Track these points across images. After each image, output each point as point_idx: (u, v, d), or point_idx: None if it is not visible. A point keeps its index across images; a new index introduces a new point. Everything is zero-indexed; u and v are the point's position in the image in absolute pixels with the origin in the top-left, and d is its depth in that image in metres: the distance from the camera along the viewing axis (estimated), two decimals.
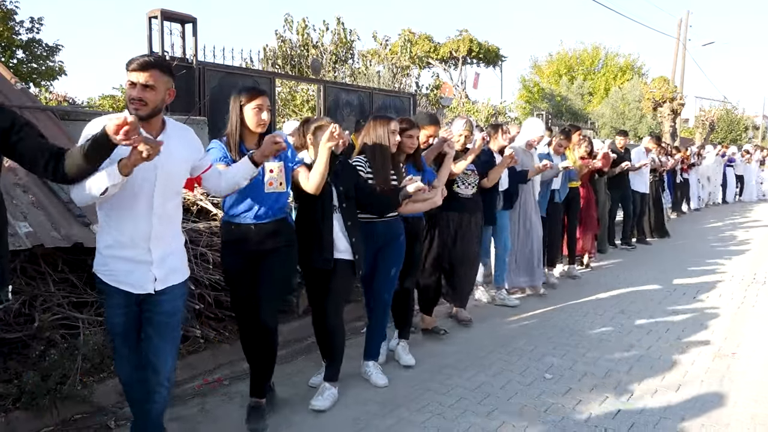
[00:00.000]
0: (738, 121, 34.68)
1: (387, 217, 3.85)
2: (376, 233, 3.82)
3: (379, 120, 3.83)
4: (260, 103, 3.03)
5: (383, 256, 3.88)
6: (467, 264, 4.96)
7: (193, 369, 3.82)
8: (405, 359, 4.16)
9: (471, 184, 4.94)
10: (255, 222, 3.13)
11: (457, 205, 4.85)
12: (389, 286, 3.94)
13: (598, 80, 31.47)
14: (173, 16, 6.86)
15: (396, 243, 3.92)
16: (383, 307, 3.97)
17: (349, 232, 3.48)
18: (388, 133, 3.75)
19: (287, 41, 13.76)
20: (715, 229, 11.20)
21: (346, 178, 3.52)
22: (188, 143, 2.65)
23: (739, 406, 3.52)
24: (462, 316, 5.13)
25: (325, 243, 3.40)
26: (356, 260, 3.50)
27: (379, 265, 3.89)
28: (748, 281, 6.80)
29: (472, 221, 4.94)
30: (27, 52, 16.94)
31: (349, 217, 3.50)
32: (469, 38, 25.19)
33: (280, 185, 3.14)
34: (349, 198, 3.49)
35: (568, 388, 3.74)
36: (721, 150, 15.90)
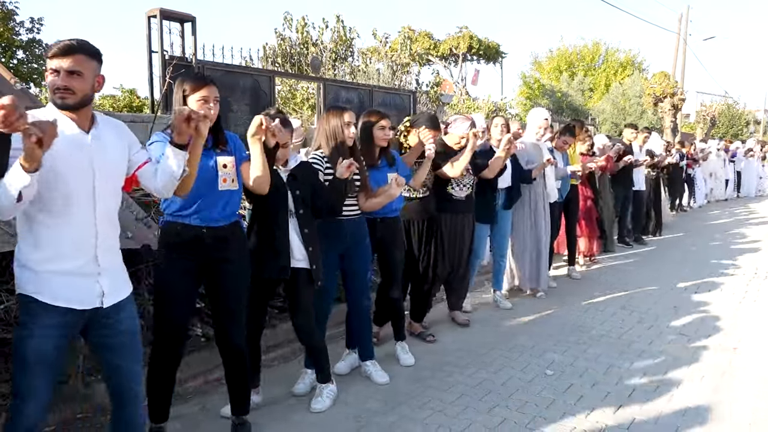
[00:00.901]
0: (739, 116, 34.59)
1: (353, 215, 3.66)
2: (343, 233, 3.62)
3: (333, 111, 3.59)
4: (206, 95, 2.70)
5: (352, 259, 3.69)
6: (462, 266, 4.87)
7: (194, 367, 3.82)
8: (404, 359, 4.10)
9: (466, 186, 4.79)
10: (207, 225, 2.80)
11: (450, 206, 4.74)
12: (366, 290, 3.80)
13: (598, 76, 31.39)
14: (172, 15, 6.85)
15: (364, 244, 3.75)
16: (365, 314, 3.83)
17: (305, 240, 3.22)
18: (343, 125, 3.51)
19: (287, 39, 13.75)
20: (717, 225, 11.19)
21: (304, 181, 3.27)
22: (122, 137, 2.36)
23: (741, 401, 3.52)
24: (459, 318, 5.01)
25: (279, 252, 3.15)
26: (314, 270, 3.25)
27: (350, 269, 3.71)
28: (750, 276, 6.79)
29: (465, 222, 4.83)
30: (27, 53, 16.94)
31: (306, 224, 3.24)
32: (469, 35, 25.16)
33: (233, 182, 2.87)
34: (306, 204, 3.25)
35: (569, 385, 3.74)
36: (723, 145, 15.79)
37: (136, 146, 2.41)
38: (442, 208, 4.70)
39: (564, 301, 5.71)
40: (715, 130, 27.90)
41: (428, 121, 4.46)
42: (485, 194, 5.13)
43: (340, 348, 4.11)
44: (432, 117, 4.51)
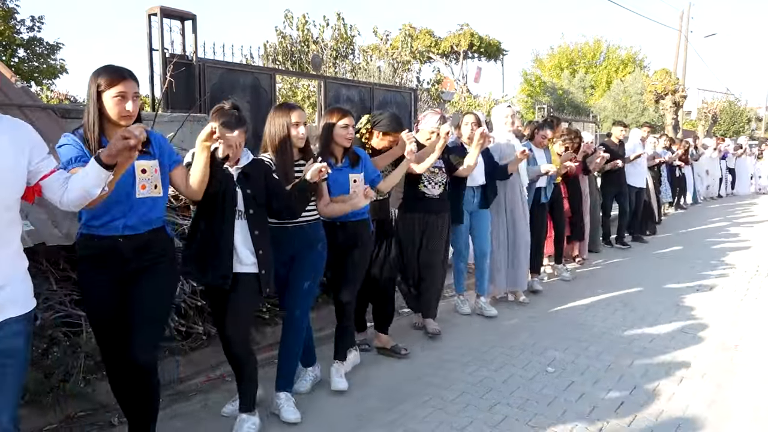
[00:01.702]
0: (741, 113, 34.56)
1: (302, 221, 3.32)
2: (287, 240, 3.30)
3: (279, 110, 3.28)
4: (123, 90, 2.42)
5: (295, 265, 3.35)
6: (434, 269, 4.58)
7: (196, 365, 3.83)
8: (335, 383, 3.60)
9: (438, 183, 4.54)
10: (123, 234, 2.52)
11: (423, 205, 4.50)
12: (301, 302, 3.36)
13: (599, 73, 31.38)
14: (173, 13, 6.85)
15: (312, 252, 3.38)
16: (296, 327, 3.35)
17: (255, 242, 2.95)
18: (290, 125, 3.23)
19: (287, 37, 13.75)
20: (716, 223, 11.17)
21: (257, 179, 3.00)
22: (19, 141, 2.03)
23: (743, 398, 3.51)
24: (431, 327, 4.62)
25: (222, 256, 2.87)
26: (262, 276, 2.97)
27: (290, 276, 3.35)
28: (751, 274, 6.78)
29: (438, 222, 4.57)
30: (28, 51, 16.94)
31: (257, 225, 2.97)
32: (470, 32, 25.10)
33: (156, 189, 2.58)
34: (258, 203, 2.99)
35: (570, 382, 3.74)
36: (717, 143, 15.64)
37: (40, 151, 2.10)
38: (413, 207, 4.48)
39: (565, 298, 5.71)
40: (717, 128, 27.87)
41: (392, 122, 4.15)
42: (457, 194, 4.90)
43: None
44: (395, 116, 4.23)
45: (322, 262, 3.46)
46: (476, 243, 5.22)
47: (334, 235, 3.59)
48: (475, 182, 5.03)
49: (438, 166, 4.51)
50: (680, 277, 6.59)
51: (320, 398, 3.52)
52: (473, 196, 5.07)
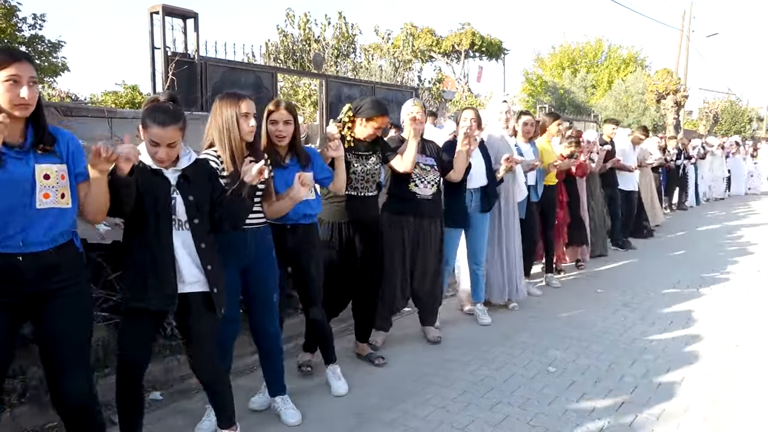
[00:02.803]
0: (742, 113, 34.52)
1: (256, 224, 3.04)
2: (244, 246, 3.00)
3: (226, 99, 2.92)
4: (16, 74, 2.06)
5: (256, 276, 3.06)
6: (430, 276, 4.35)
7: None
8: (336, 387, 3.54)
9: (431, 182, 4.23)
10: (23, 252, 2.14)
11: (415, 207, 4.20)
12: (275, 317, 3.17)
13: (601, 73, 31.33)
14: (175, 11, 6.84)
15: (269, 258, 3.13)
16: (276, 345, 3.21)
17: (202, 257, 2.57)
18: (239, 117, 2.87)
19: (289, 36, 13.75)
20: (717, 224, 11.17)
21: (201, 183, 2.62)
22: None
23: (743, 399, 3.51)
24: (431, 335, 4.47)
25: (163, 275, 2.48)
26: (214, 295, 2.61)
27: (252, 289, 3.08)
28: (752, 274, 6.78)
29: (431, 226, 4.29)
30: (29, 49, 16.93)
31: (202, 237, 2.57)
32: (472, 31, 25.08)
33: (62, 198, 2.21)
34: (202, 212, 2.60)
35: (571, 382, 3.74)
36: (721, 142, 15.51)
37: None
38: (402, 209, 4.21)
39: (565, 298, 5.71)
40: (718, 127, 27.86)
41: (374, 106, 3.85)
42: (455, 194, 4.67)
43: None
44: (376, 101, 3.94)
45: (277, 270, 3.20)
46: (471, 250, 4.93)
47: (282, 240, 3.30)
48: (474, 184, 4.73)
49: (430, 164, 4.25)
50: (681, 277, 6.59)
51: (320, 397, 3.52)
52: (471, 199, 4.76)
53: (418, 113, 4.15)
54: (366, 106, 3.84)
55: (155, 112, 2.43)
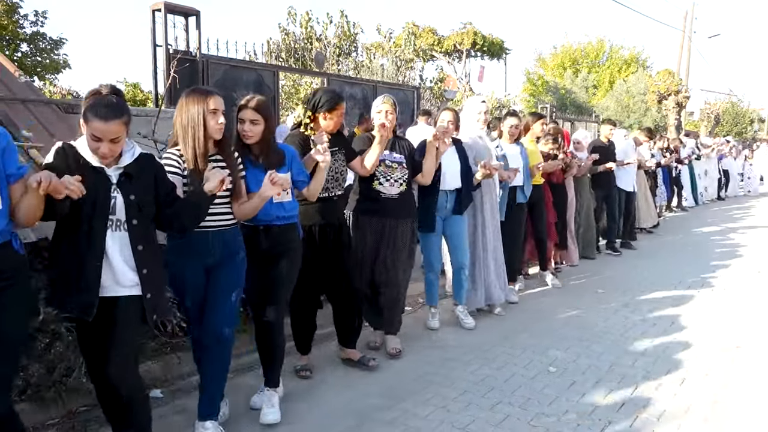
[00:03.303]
0: (743, 114, 34.49)
1: (225, 224, 2.89)
2: (206, 247, 2.85)
3: (193, 95, 2.76)
4: None
5: (218, 277, 2.91)
6: (394, 281, 4.06)
7: None
8: (266, 414, 3.13)
9: (398, 181, 3.99)
10: None
11: (379, 207, 3.94)
12: (229, 318, 2.94)
13: (602, 73, 31.29)
14: (176, 8, 6.84)
15: (233, 261, 2.95)
16: (226, 348, 2.94)
17: (139, 259, 2.41)
18: (206, 114, 2.72)
19: (291, 34, 13.73)
20: (717, 224, 11.15)
21: (144, 181, 2.45)
22: None
23: (744, 399, 3.51)
24: (391, 345, 4.13)
25: (86, 280, 2.33)
26: (147, 300, 2.43)
27: (212, 290, 2.91)
28: (753, 275, 6.77)
29: (399, 228, 4.02)
30: (31, 46, 16.98)
31: (142, 238, 2.43)
32: (473, 31, 25.05)
33: None
34: (144, 212, 2.44)
35: (572, 382, 3.73)
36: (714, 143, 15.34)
37: None
38: (367, 209, 3.98)
39: (566, 298, 5.70)
40: (719, 128, 27.82)
41: (331, 97, 3.62)
42: (425, 196, 4.48)
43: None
44: (329, 90, 3.74)
45: (243, 272, 3.03)
46: (452, 253, 4.74)
47: (256, 242, 3.16)
48: (449, 185, 4.52)
49: (397, 161, 3.99)
50: (682, 277, 6.59)
51: (320, 396, 3.52)
52: (446, 200, 4.55)
53: (389, 114, 3.92)
54: (324, 99, 3.60)
55: (97, 106, 2.30)
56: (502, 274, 5.15)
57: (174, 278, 2.86)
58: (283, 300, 3.29)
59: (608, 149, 7.66)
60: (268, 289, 3.20)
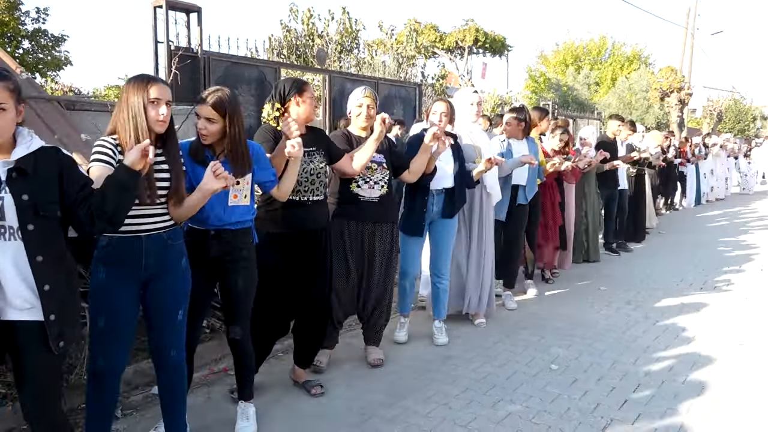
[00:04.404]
0: (746, 112, 34.44)
1: (161, 227, 2.53)
2: (138, 256, 2.46)
3: (133, 83, 2.44)
4: None
5: (158, 291, 2.55)
6: (375, 289, 3.82)
7: (199, 359, 3.81)
8: (240, 427, 3.01)
9: (378, 183, 3.69)
10: None
11: (357, 211, 3.66)
12: (178, 337, 2.63)
13: (604, 70, 31.25)
14: (178, 5, 6.82)
15: (177, 271, 2.60)
16: (179, 371, 2.68)
17: (38, 274, 2.02)
18: (146, 103, 2.40)
19: (292, 31, 13.72)
20: (719, 223, 11.15)
21: (44, 177, 2.06)
22: None
23: (747, 398, 3.50)
24: (373, 356, 3.93)
25: None
26: (51, 322, 2.04)
27: (152, 306, 2.56)
28: (756, 273, 6.76)
29: (378, 233, 3.75)
30: (32, 43, 16.98)
31: (41, 247, 2.03)
32: (475, 28, 25.02)
33: None
34: (42, 215, 2.03)
35: (574, 379, 3.73)
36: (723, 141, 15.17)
37: None
38: (344, 212, 3.68)
39: (568, 296, 5.70)
40: (722, 126, 27.77)
41: (295, 81, 3.32)
42: (412, 197, 4.21)
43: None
44: (290, 78, 3.43)
45: (189, 281, 2.68)
46: (434, 260, 4.40)
47: (204, 248, 2.85)
48: (438, 185, 4.16)
49: (377, 161, 3.69)
50: (684, 276, 6.58)
51: (322, 394, 3.52)
52: (433, 202, 4.20)
53: (371, 109, 3.65)
54: (289, 85, 3.28)
55: None
56: (492, 282, 4.82)
57: (96, 293, 2.45)
58: (246, 312, 2.98)
59: (614, 146, 7.47)
60: (228, 302, 2.96)
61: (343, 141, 3.67)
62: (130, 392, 3.41)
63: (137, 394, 3.41)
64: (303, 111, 3.27)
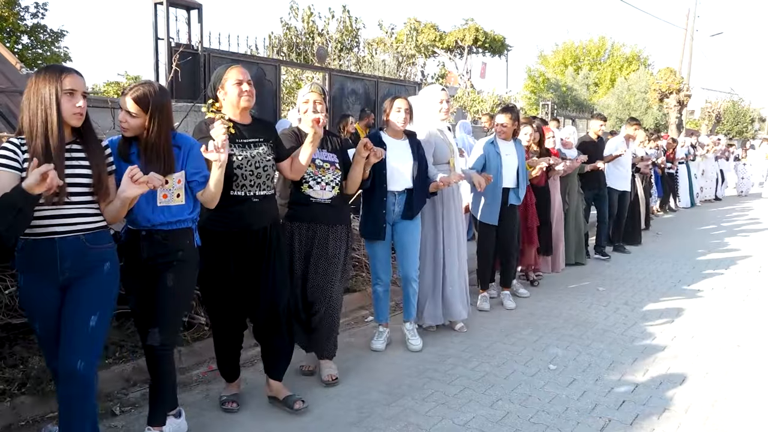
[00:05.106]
0: (744, 113, 34.51)
1: (79, 228, 2.36)
2: (51, 259, 2.32)
3: (44, 74, 2.29)
4: None
5: (71, 297, 2.38)
6: (325, 297, 3.50)
7: (198, 356, 3.83)
8: None
9: (329, 183, 3.48)
10: None
11: (308, 212, 3.44)
12: (86, 348, 2.34)
13: (603, 71, 31.31)
14: (178, 2, 6.83)
15: (95, 275, 2.41)
16: (78, 384, 2.33)
17: None
18: (59, 94, 2.25)
19: (292, 29, 13.72)
20: (716, 224, 11.16)
21: None
22: None
23: (744, 398, 3.51)
24: (326, 372, 3.59)
25: None
26: None
27: (65, 311, 2.37)
28: (753, 274, 6.77)
29: (331, 235, 3.50)
30: (32, 38, 16.95)
31: None
32: (475, 27, 25.05)
33: None
34: None
35: (572, 379, 3.73)
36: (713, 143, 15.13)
37: None
38: (294, 214, 3.45)
39: (566, 296, 5.70)
40: (720, 127, 27.84)
41: (220, 69, 3.10)
42: (368, 200, 4.02)
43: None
44: (221, 68, 3.12)
45: (113, 287, 2.49)
46: (400, 263, 4.16)
47: (136, 249, 2.68)
48: (397, 186, 3.97)
49: (329, 161, 3.50)
50: (682, 276, 6.59)
51: (321, 392, 3.52)
52: (394, 203, 3.99)
53: (317, 104, 3.42)
54: (217, 74, 3.09)
55: None
56: (466, 288, 4.64)
57: (22, 298, 2.43)
58: (172, 321, 2.73)
59: (597, 146, 7.28)
60: (151, 308, 2.69)
61: (291, 139, 3.44)
62: (129, 389, 3.41)
63: (135, 391, 3.41)
64: (232, 100, 3.01)
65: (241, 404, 3.29)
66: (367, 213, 4.02)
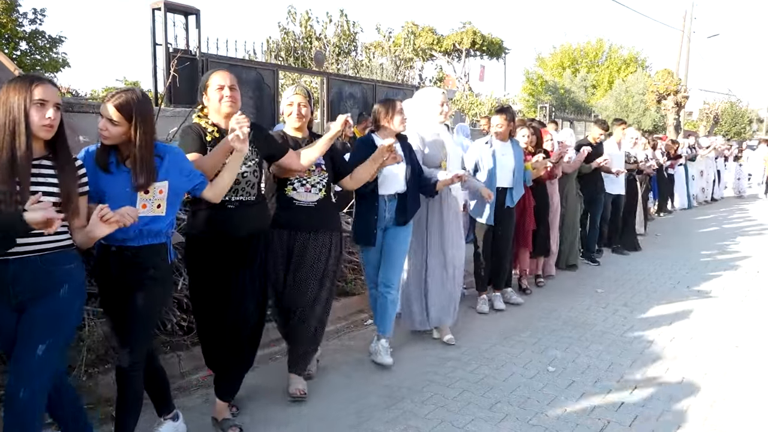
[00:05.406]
0: (742, 114, 34.56)
1: (33, 249, 2.20)
2: (5, 281, 2.19)
3: (14, 84, 2.17)
4: None
5: (24, 321, 2.23)
6: (306, 306, 3.34)
7: (197, 360, 3.82)
8: None
9: (315, 186, 3.35)
10: None
11: (291, 216, 3.30)
12: (30, 376, 2.17)
13: (601, 73, 31.35)
14: (176, 7, 6.85)
15: (50, 299, 2.24)
16: (21, 416, 2.16)
17: None
18: (28, 105, 2.14)
19: (290, 33, 13.76)
20: (715, 225, 11.17)
21: None
22: None
23: (743, 399, 3.52)
24: (293, 387, 3.40)
25: None
26: None
27: (22, 333, 2.23)
28: (752, 275, 6.78)
29: (312, 242, 3.34)
30: (30, 44, 16.97)
31: None
32: (473, 30, 25.11)
33: None
34: None
35: (571, 381, 3.74)
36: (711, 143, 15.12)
37: None
38: (278, 219, 3.30)
39: (565, 298, 5.71)
40: (718, 129, 27.89)
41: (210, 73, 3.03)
42: (361, 204, 3.91)
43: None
44: (205, 75, 3.04)
45: (69, 312, 2.31)
46: (383, 268, 3.94)
47: (106, 266, 2.55)
48: (389, 189, 3.85)
49: (317, 163, 3.35)
50: (681, 278, 6.60)
51: (321, 396, 3.52)
52: (385, 208, 3.86)
53: (302, 107, 3.36)
54: (203, 79, 3.03)
55: None
56: (455, 293, 4.50)
57: None
58: (140, 339, 2.56)
59: (595, 150, 7.03)
60: (120, 327, 2.57)
61: (282, 140, 3.33)
62: None
63: None
64: (212, 107, 2.94)
65: (241, 408, 3.29)
66: (358, 218, 3.93)
